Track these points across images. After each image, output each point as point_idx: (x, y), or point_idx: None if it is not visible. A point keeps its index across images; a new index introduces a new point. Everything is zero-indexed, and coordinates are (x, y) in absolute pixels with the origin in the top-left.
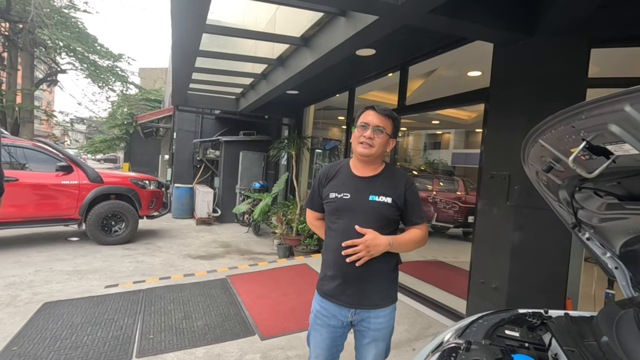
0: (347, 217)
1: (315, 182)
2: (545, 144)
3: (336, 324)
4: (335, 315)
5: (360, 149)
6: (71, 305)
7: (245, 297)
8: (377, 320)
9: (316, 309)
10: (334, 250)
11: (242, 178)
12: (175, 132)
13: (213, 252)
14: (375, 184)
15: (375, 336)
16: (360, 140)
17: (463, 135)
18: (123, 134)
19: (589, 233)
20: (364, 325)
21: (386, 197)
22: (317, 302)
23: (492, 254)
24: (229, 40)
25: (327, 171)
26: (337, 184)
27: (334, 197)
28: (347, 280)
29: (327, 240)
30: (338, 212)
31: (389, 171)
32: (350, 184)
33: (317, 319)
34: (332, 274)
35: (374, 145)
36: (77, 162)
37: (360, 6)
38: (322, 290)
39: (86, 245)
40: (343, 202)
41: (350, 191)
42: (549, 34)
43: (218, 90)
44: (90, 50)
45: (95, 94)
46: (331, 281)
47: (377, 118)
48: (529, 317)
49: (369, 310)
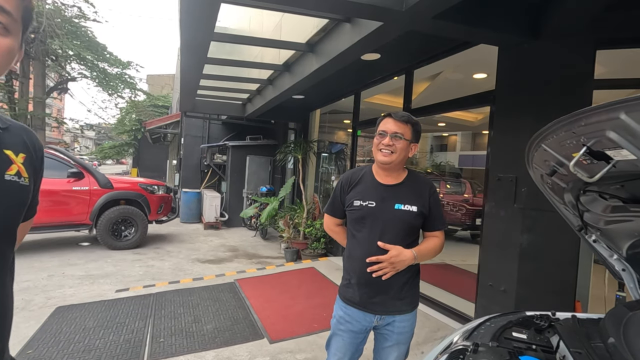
0: (372, 226)
1: (337, 188)
2: (548, 149)
3: (359, 330)
4: (360, 321)
5: (380, 157)
6: (83, 309)
7: (254, 301)
8: (402, 324)
9: (339, 314)
10: (359, 259)
11: (249, 182)
12: (183, 138)
13: (221, 256)
14: (400, 192)
15: (399, 339)
16: (379, 148)
17: (470, 137)
18: (132, 139)
19: (595, 235)
20: (388, 329)
21: (412, 206)
22: (340, 307)
23: (500, 256)
24: (236, 47)
25: (349, 177)
26: (362, 191)
27: (359, 205)
28: (373, 289)
29: (351, 248)
30: (363, 220)
31: (413, 178)
32: (375, 192)
33: (340, 325)
34: (357, 282)
35: (395, 151)
36: (88, 168)
37: (364, 13)
38: (346, 297)
39: (97, 250)
40: (368, 210)
41: (375, 199)
42: (554, 36)
43: (225, 96)
44: (99, 59)
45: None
46: (356, 289)
47: (394, 125)
48: (537, 319)
49: (394, 315)
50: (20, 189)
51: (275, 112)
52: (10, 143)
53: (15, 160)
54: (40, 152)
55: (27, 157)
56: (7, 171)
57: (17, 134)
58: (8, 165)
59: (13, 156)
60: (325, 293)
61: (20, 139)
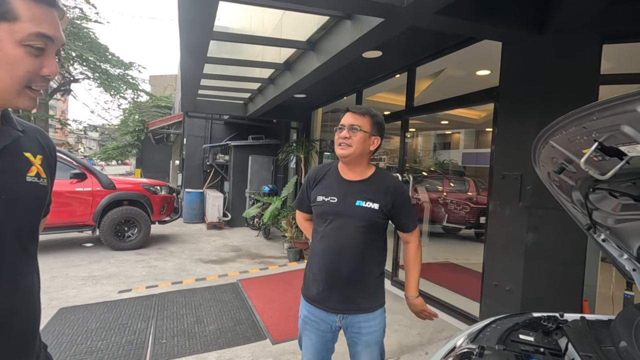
0: (334, 222)
1: (305, 184)
2: (556, 145)
3: (326, 329)
4: (324, 320)
5: (339, 151)
6: (86, 310)
7: (257, 301)
8: (367, 324)
9: (304, 314)
10: (320, 254)
11: (251, 182)
12: (186, 138)
13: (224, 256)
14: (363, 189)
15: (368, 341)
16: (337, 142)
17: (473, 135)
18: (135, 140)
19: (604, 234)
20: (354, 331)
21: (373, 203)
22: (304, 307)
23: (506, 255)
24: (237, 47)
25: (315, 173)
26: (325, 187)
27: (322, 200)
28: (332, 285)
29: (313, 244)
30: (325, 215)
31: (379, 176)
32: (338, 188)
33: (305, 324)
34: (317, 278)
35: (351, 144)
36: (91, 169)
37: (365, 9)
38: (307, 296)
39: (100, 251)
40: (330, 206)
41: (337, 195)
42: (559, 30)
43: (227, 95)
44: (101, 60)
45: (108, 102)
46: (315, 286)
47: (351, 117)
48: (544, 321)
49: (357, 314)
50: (40, 189)
51: (277, 112)
52: (28, 145)
53: (34, 162)
54: (54, 153)
55: (44, 158)
56: (28, 173)
57: (33, 136)
58: (28, 167)
59: (32, 158)
60: None
61: (36, 141)
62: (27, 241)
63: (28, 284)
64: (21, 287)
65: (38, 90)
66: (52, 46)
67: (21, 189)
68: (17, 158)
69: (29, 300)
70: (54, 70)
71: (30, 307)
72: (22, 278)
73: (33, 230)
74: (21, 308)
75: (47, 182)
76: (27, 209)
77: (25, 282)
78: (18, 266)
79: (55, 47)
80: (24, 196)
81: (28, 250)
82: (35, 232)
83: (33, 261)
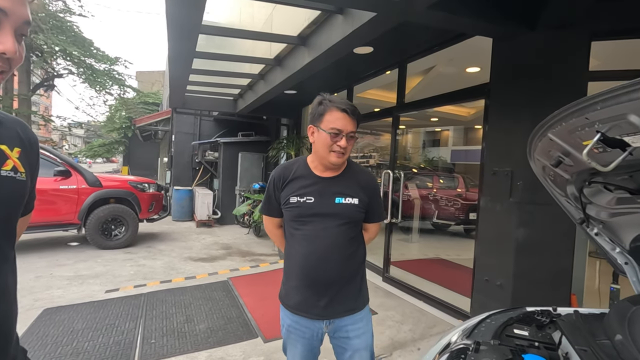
0: (313, 222)
1: (270, 186)
2: (554, 138)
3: (311, 336)
4: (309, 327)
5: (334, 159)
6: (72, 310)
7: (248, 299)
8: (355, 326)
9: (287, 323)
10: (301, 260)
11: (241, 179)
12: (174, 135)
13: (214, 254)
14: (339, 184)
15: (357, 345)
16: (333, 149)
17: (462, 132)
18: (122, 137)
19: (597, 228)
20: (342, 335)
21: (352, 199)
22: (287, 316)
23: (496, 251)
24: (227, 41)
25: (281, 173)
26: (298, 186)
27: (296, 201)
28: (318, 291)
29: (290, 249)
30: (302, 217)
31: (352, 170)
32: (313, 187)
33: (290, 334)
34: (299, 284)
35: (346, 152)
36: (75, 166)
37: (357, 3)
38: (289, 305)
39: (87, 250)
40: (307, 207)
41: (313, 194)
42: (549, 27)
43: (216, 92)
44: (86, 54)
45: (93, 97)
46: (298, 293)
47: (350, 124)
48: (538, 315)
49: (344, 317)
50: (17, 184)
51: (267, 108)
52: (4, 137)
53: (10, 155)
54: (36, 146)
55: (23, 151)
56: (2, 167)
57: (11, 128)
58: (4, 160)
59: (8, 151)
60: None
61: (15, 133)
62: (1, 240)
63: (1, 287)
64: None
65: None
66: (7, 20)
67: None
68: None
69: (1, 304)
70: (9, 47)
71: (3, 312)
72: None
73: (8, 229)
74: None
75: (25, 177)
76: (2, 204)
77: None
78: None
79: (11, 22)
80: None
81: (1, 250)
82: (10, 230)
83: (7, 262)
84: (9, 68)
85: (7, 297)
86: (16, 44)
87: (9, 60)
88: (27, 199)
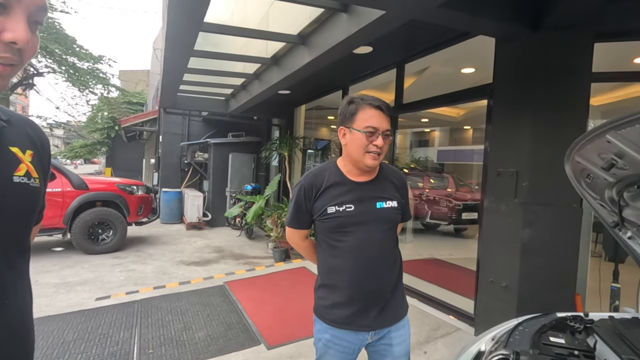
0: (356, 232)
1: (299, 197)
2: (613, 139)
3: (351, 351)
4: (352, 341)
5: (370, 161)
6: (61, 320)
7: (246, 304)
8: (398, 332)
9: (325, 337)
10: (346, 272)
11: (232, 180)
12: (162, 135)
13: (207, 257)
14: (377, 188)
15: (398, 352)
16: (369, 150)
17: (448, 132)
18: (104, 138)
19: (631, 232)
20: (384, 343)
21: (392, 201)
22: (326, 330)
23: (501, 252)
24: (220, 39)
25: (312, 181)
26: (335, 195)
27: (335, 211)
28: (368, 303)
29: (333, 261)
30: (343, 227)
31: (386, 171)
32: (351, 193)
33: (328, 349)
34: (347, 300)
35: (383, 153)
36: (60, 168)
37: (368, 0)
38: (332, 319)
39: (72, 256)
40: (348, 216)
41: (352, 202)
42: (553, 28)
43: (207, 91)
44: (68, 52)
45: (75, 97)
46: (345, 308)
47: (385, 121)
48: (570, 321)
49: (389, 325)
50: (31, 191)
51: (259, 108)
52: (15, 139)
53: (23, 159)
54: (48, 148)
55: (35, 154)
56: (15, 172)
57: (21, 128)
58: (16, 165)
59: (20, 154)
60: None
61: (25, 134)
62: (14, 256)
63: (17, 307)
64: (8, 311)
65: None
66: (18, 4)
67: (7, 191)
68: (1, 154)
69: (19, 328)
70: (21, 36)
71: (20, 337)
72: (10, 302)
73: (21, 242)
74: (9, 339)
75: (39, 183)
76: (14, 215)
77: (13, 306)
78: (3, 287)
79: (22, 7)
80: (10, 200)
81: (15, 267)
82: (24, 244)
83: (23, 280)
84: (20, 61)
85: (24, 321)
86: (29, 32)
87: (19, 51)
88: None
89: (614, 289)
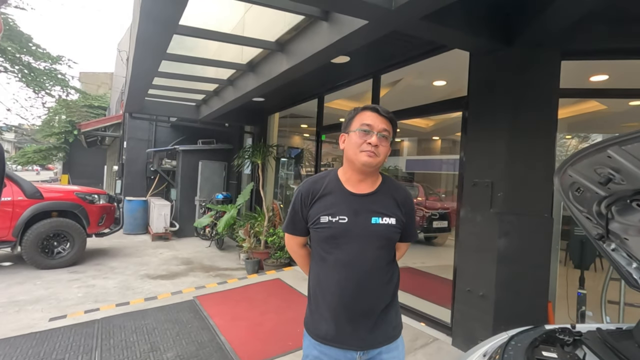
0: (347, 245)
1: (297, 202)
2: (614, 155)
3: None
4: (339, 359)
5: (365, 158)
6: (8, 345)
7: (219, 320)
8: (390, 354)
9: (314, 355)
10: (335, 287)
11: (202, 189)
12: (126, 141)
13: (175, 270)
14: (376, 202)
15: None
16: (363, 148)
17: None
18: (61, 143)
19: (615, 244)
20: None
21: (390, 218)
22: (313, 346)
23: (478, 261)
24: (195, 43)
25: (310, 188)
26: (329, 204)
27: (328, 221)
28: (355, 321)
29: (321, 274)
30: (334, 239)
31: (389, 185)
32: (347, 205)
33: None
34: (333, 315)
35: (379, 154)
36: (10, 175)
37: (351, 9)
38: (319, 335)
39: (22, 271)
40: (341, 227)
41: (347, 213)
42: (525, 44)
43: (178, 96)
44: (23, 51)
45: (29, 99)
46: (332, 323)
47: (381, 121)
48: (559, 333)
49: (380, 346)
50: None
51: (232, 115)
52: None
53: None
54: (1, 154)
55: None
56: None
57: None
58: None
59: None
60: (296, 306)
61: None
62: None
63: None
64: None
65: None
66: None
67: None
68: None
69: None
70: None
71: None
72: None
73: None
74: None
75: None
76: None
77: None
78: None
79: None
80: None
81: None
82: None
83: None
84: None
85: None
86: None
87: None
88: None
89: (580, 294)
